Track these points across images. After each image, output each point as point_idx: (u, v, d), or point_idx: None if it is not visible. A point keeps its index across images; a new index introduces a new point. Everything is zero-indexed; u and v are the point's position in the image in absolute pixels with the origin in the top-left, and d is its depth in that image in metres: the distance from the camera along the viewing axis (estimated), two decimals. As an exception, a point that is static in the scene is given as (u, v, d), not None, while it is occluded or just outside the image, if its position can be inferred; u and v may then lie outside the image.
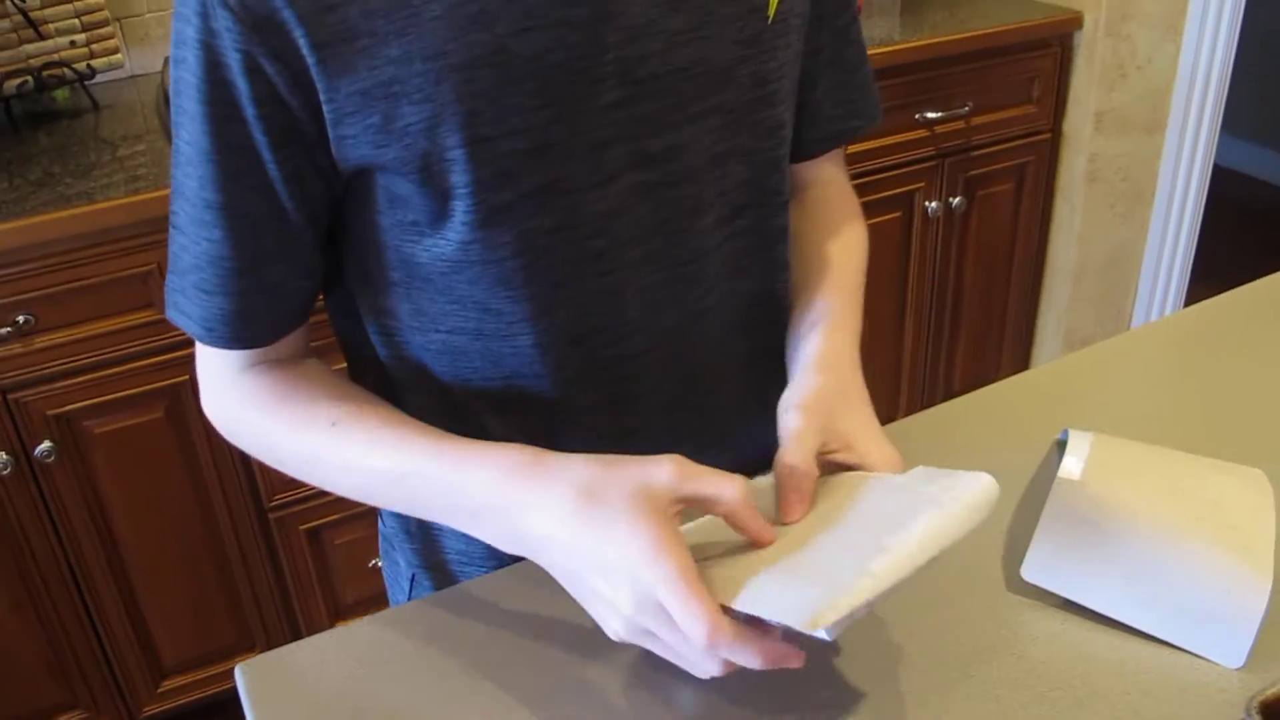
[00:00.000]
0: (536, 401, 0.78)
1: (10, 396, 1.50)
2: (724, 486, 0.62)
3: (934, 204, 2.13)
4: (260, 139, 0.66)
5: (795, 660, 0.60)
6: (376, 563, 1.85)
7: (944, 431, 0.93)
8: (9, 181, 1.55)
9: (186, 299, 0.72)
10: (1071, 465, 0.80)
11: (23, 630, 1.64)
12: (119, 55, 1.81)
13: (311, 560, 1.81)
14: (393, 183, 0.69)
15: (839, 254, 0.86)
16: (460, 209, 0.68)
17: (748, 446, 0.85)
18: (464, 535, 0.84)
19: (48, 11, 1.72)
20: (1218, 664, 0.70)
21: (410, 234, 0.71)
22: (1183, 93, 2.12)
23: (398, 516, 0.89)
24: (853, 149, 2.00)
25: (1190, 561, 0.74)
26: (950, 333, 2.34)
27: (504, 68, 0.65)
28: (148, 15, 1.93)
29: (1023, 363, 2.50)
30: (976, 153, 2.16)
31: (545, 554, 0.64)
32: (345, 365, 0.88)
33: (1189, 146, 2.16)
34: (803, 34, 0.79)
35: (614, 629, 0.61)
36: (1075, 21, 2.10)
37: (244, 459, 1.69)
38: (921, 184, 2.12)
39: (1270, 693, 0.63)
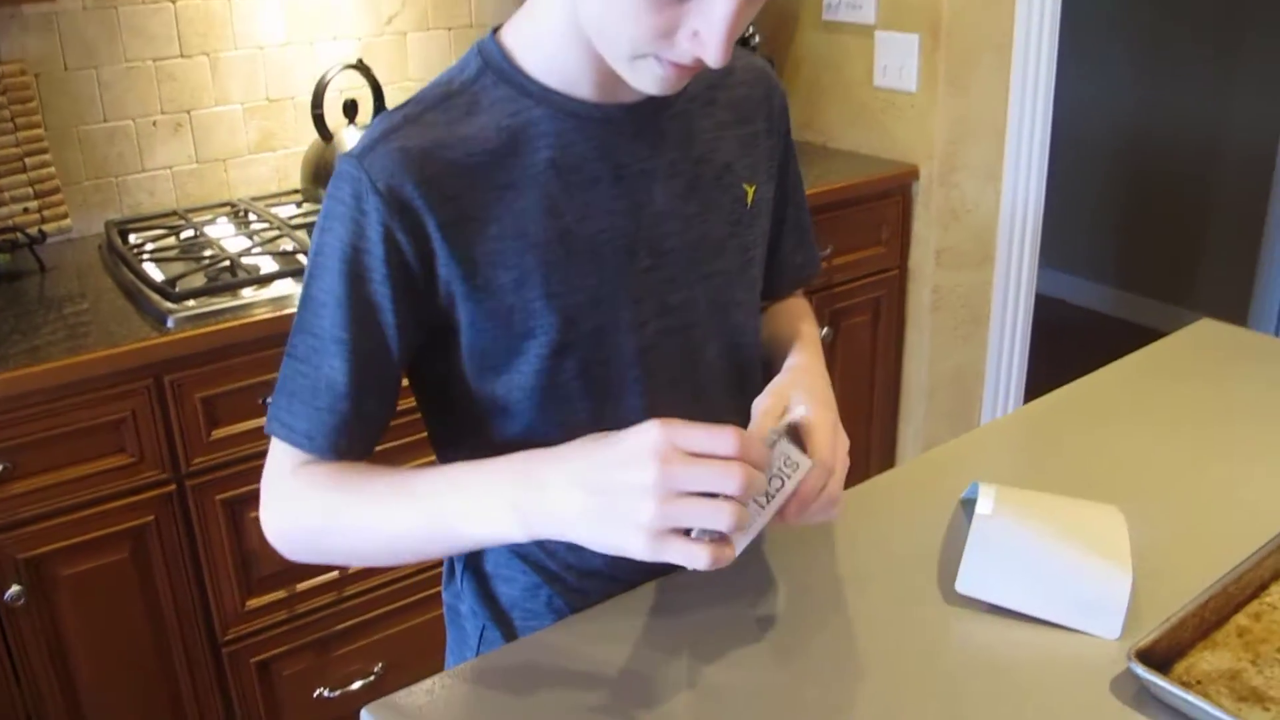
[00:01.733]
0: None
1: (-20, 543, 1.57)
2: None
3: (806, 333, 2.42)
4: (385, 293, 0.87)
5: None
6: (321, 692, 1.93)
7: (868, 499, 1.16)
8: (-23, 340, 1.65)
9: (293, 415, 0.90)
10: (985, 505, 1.05)
11: (-22, 780, 1.65)
12: (68, 220, 1.93)
13: (260, 693, 1.88)
14: (483, 333, 0.90)
15: (807, 326, 1.10)
16: (536, 345, 0.91)
17: None
18: (527, 590, 1.01)
19: (3, 181, 1.84)
20: (1102, 637, 0.94)
21: (492, 372, 0.92)
22: (1005, 232, 2.49)
23: (467, 581, 1.05)
24: (737, 287, 2.27)
25: (1075, 565, 1.00)
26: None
27: (569, 245, 0.90)
28: (86, 183, 2.07)
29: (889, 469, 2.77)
30: (839, 289, 2.46)
31: (560, 488, 0.77)
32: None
33: (1014, 276, 2.52)
34: (769, 211, 1.06)
35: (645, 515, 0.72)
36: (913, 174, 2.46)
37: (201, 593, 1.77)
38: (795, 316, 2.40)
39: (1144, 642, 0.87)
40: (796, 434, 0.86)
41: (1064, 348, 3.63)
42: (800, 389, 0.91)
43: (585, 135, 0.90)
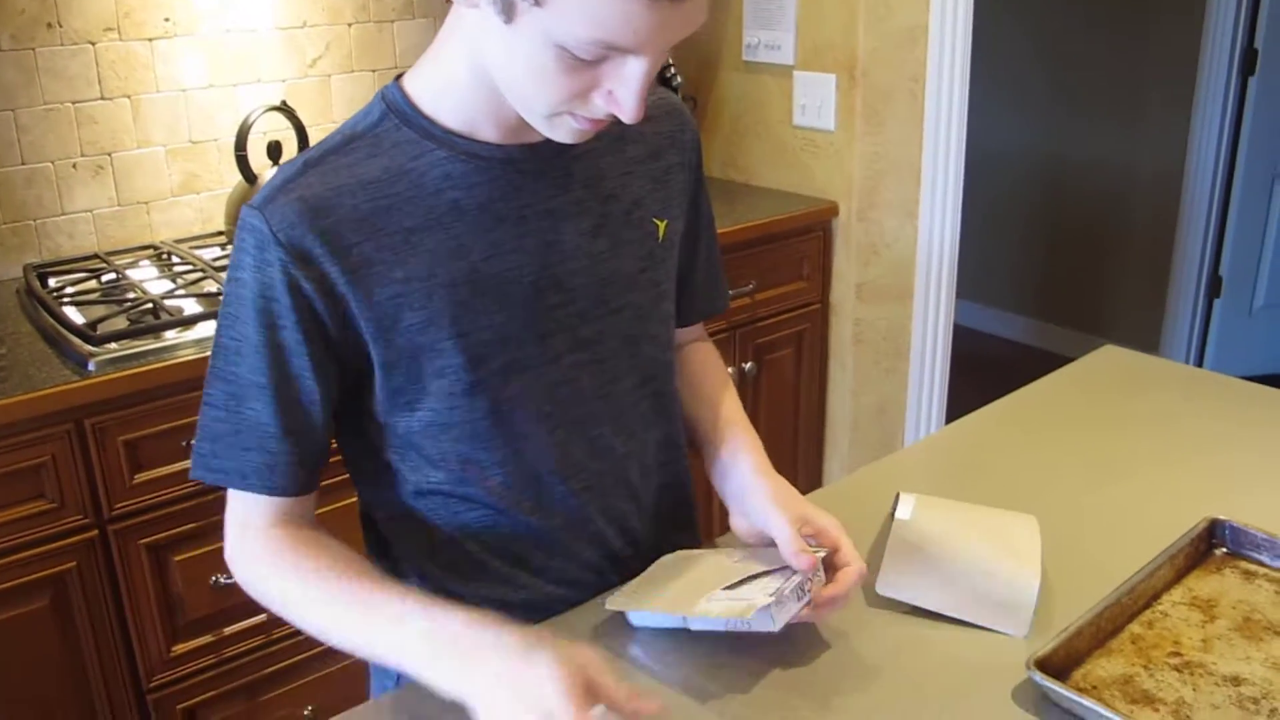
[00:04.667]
0: (506, 528, 1.00)
1: (-107, 593, 1.54)
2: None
3: (730, 370, 2.46)
4: (297, 338, 0.89)
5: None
6: (249, 737, 1.91)
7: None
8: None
9: (220, 459, 0.92)
10: (904, 511, 1.10)
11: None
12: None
13: (187, 739, 1.86)
14: (395, 372, 0.92)
15: (729, 397, 1.15)
16: (446, 384, 0.93)
17: (657, 548, 1.10)
18: None
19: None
20: (1011, 635, 0.99)
21: (404, 410, 0.95)
22: (923, 266, 2.56)
23: None
24: (663, 323, 2.31)
25: (986, 566, 1.05)
26: (754, 480, 2.64)
27: (476, 284, 0.92)
28: (3, 226, 2.05)
29: (816, 504, 2.82)
30: (762, 323, 2.51)
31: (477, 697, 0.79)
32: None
33: (933, 309, 2.60)
34: (678, 247, 1.09)
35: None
36: (832, 210, 2.53)
37: (125, 639, 1.74)
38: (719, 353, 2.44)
39: (1042, 652, 0.91)
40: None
41: (984, 378, 3.72)
42: (796, 501, 1.00)
43: (489, 176, 0.93)
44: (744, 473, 1.05)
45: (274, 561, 0.93)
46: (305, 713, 1.96)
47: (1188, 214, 3.81)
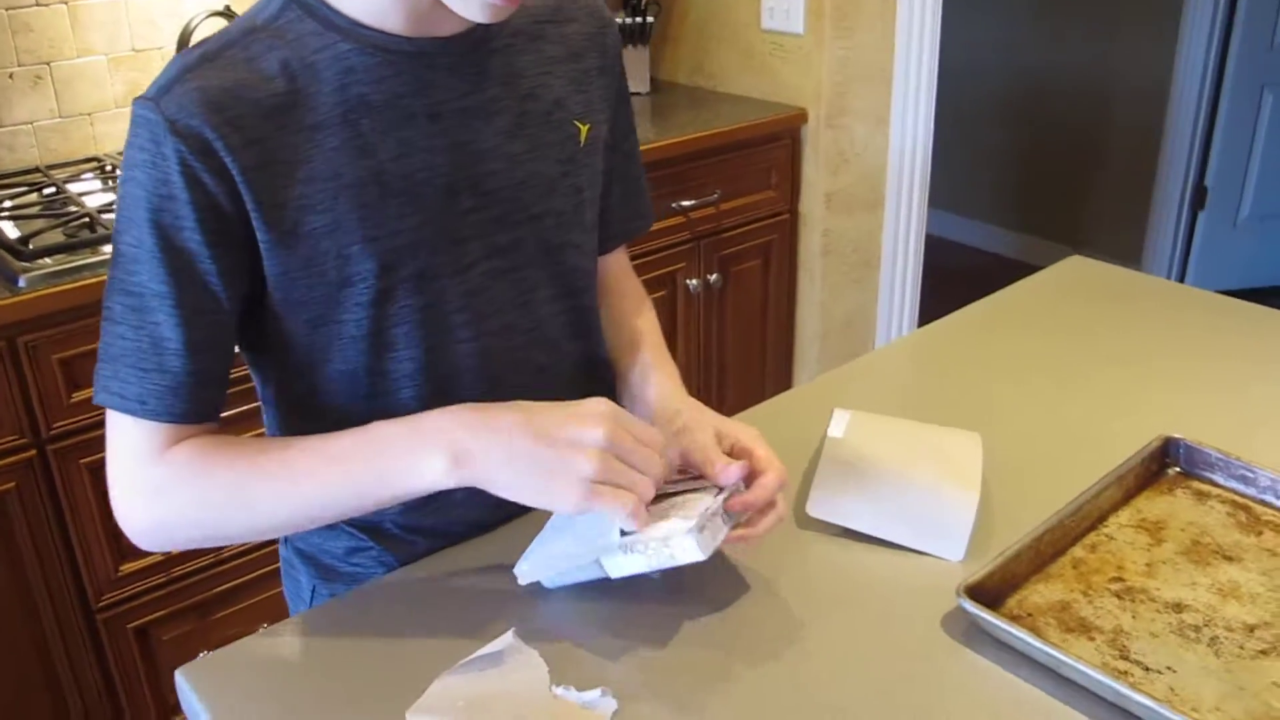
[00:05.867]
0: None
1: None
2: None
3: (694, 281, 2.41)
4: (199, 239, 0.82)
5: None
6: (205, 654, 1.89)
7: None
8: None
9: (120, 381, 0.84)
10: (835, 428, 1.05)
11: None
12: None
13: (140, 659, 1.84)
14: (297, 281, 0.86)
15: (646, 324, 1.10)
16: (354, 293, 0.87)
17: None
18: (352, 550, 0.99)
19: None
20: (945, 560, 0.95)
21: (306, 321, 0.88)
22: (894, 175, 2.50)
23: (296, 550, 1.03)
24: (624, 235, 2.25)
25: (921, 487, 1.01)
26: (718, 393, 2.61)
27: (384, 185, 0.86)
28: (-64, 140, 1.97)
29: (785, 418, 2.79)
30: (728, 234, 2.46)
31: (508, 429, 0.80)
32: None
33: (904, 219, 2.54)
34: (603, 154, 1.03)
35: (587, 468, 0.78)
36: (801, 117, 2.45)
37: (70, 560, 1.72)
38: (682, 264, 2.39)
39: (975, 578, 0.88)
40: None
41: (957, 289, 3.70)
42: (710, 415, 0.95)
43: (397, 70, 0.86)
44: (653, 393, 1.00)
45: (199, 473, 0.84)
46: (260, 630, 1.94)
47: (1173, 123, 3.73)
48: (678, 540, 0.83)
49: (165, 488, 0.85)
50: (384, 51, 0.86)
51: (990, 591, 0.89)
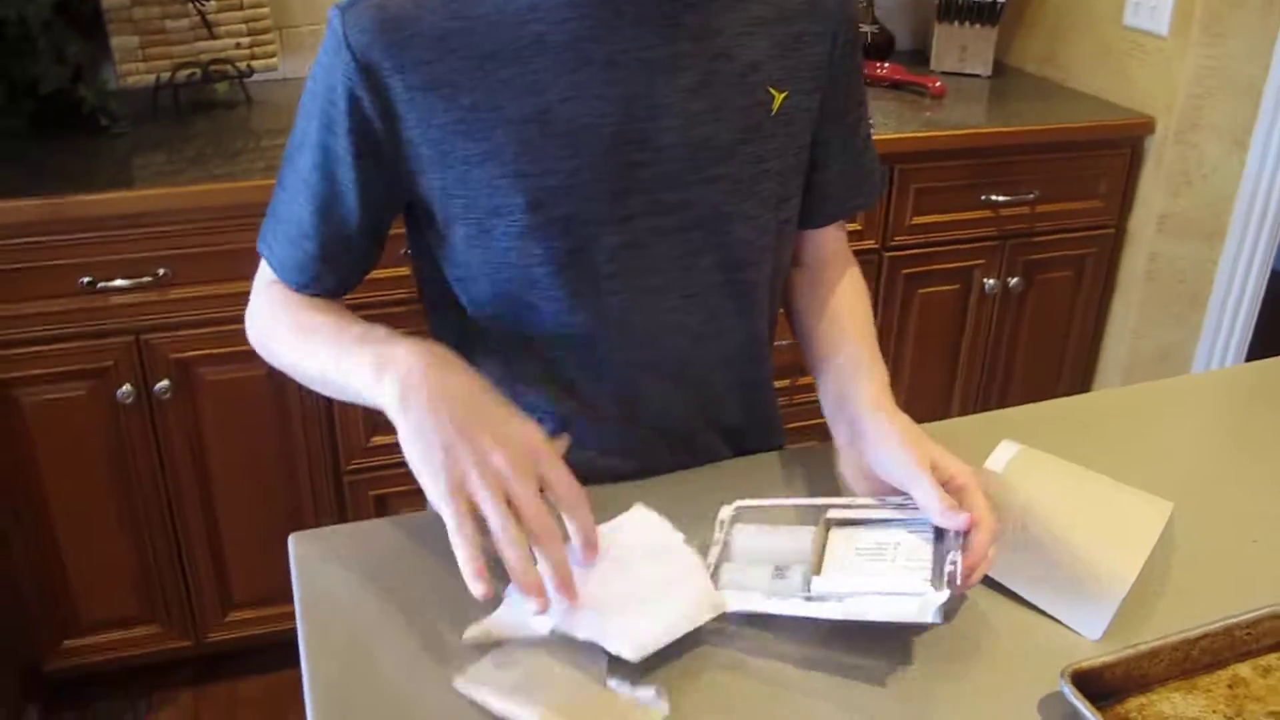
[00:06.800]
0: (561, 383, 0.97)
1: (142, 338, 1.74)
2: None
3: (992, 281, 2.26)
4: (347, 148, 0.87)
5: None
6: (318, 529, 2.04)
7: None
8: (167, 156, 1.81)
9: (275, 238, 0.95)
10: (995, 461, 0.96)
11: (120, 545, 1.87)
12: (275, 60, 2.06)
13: (375, 524, 2.01)
14: (454, 199, 0.89)
15: (859, 314, 1.03)
16: (503, 224, 0.89)
17: (711, 450, 1.04)
18: None
19: (221, 15, 1.98)
20: (1080, 634, 0.85)
21: (460, 243, 0.92)
22: (1245, 204, 2.22)
23: None
24: (917, 220, 2.15)
25: (1073, 546, 0.90)
26: (998, 401, 2.45)
27: (547, 124, 0.86)
28: (304, 27, 2.19)
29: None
30: (1039, 238, 2.28)
31: (446, 396, 0.75)
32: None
33: (1246, 256, 2.25)
34: (809, 126, 0.97)
35: (464, 465, 0.72)
36: (1148, 126, 2.22)
37: (330, 424, 1.90)
38: (981, 261, 2.25)
39: (1090, 663, 0.78)
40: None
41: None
42: (925, 442, 0.86)
43: (581, 13, 0.86)
44: (864, 403, 0.91)
45: (273, 310, 0.95)
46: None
47: None
48: (922, 602, 0.77)
49: (257, 313, 0.97)
50: None
51: (1110, 684, 0.79)
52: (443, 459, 0.73)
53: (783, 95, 0.94)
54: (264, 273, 0.98)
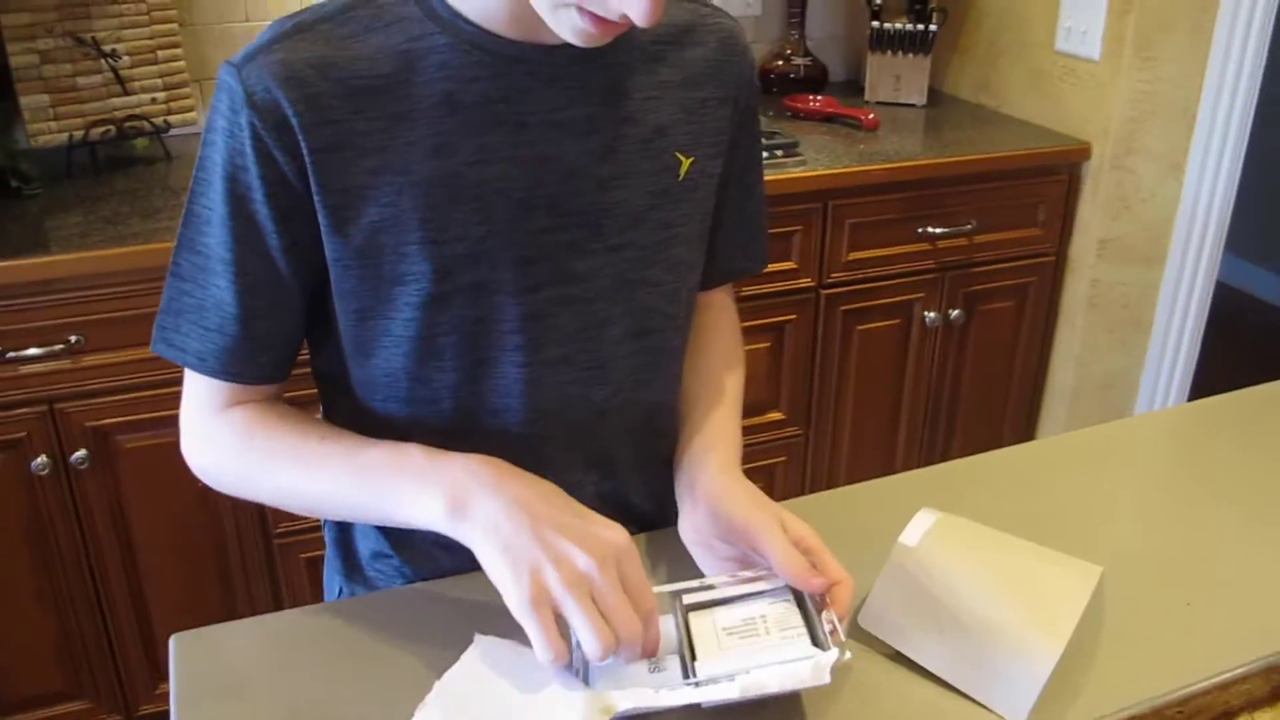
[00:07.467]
0: None
1: (56, 407, 1.68)
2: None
3: (933, 314, 2.24)
4: (267, 212, 0.82)
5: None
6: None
7: (859, 502, 1.04)
8: (82, 216, 1.75)
9: (181, 335, 0.87)
10: (912, 535, 0.91)
11: (40, 620, 1.80)
12: (194, 114, 2.01)
13: (309, 586, 1.95)
14: (349, 270, 0.84)
15: (730, 381, 1.02)
16: (405, 292, 0.84)
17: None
18: (377, 555, 0.98)
19: (136, 70, 1.93)
20: (1004, 717, 0.81)
21: (355, 315, 0.87)
22: (1184, 227, 2.21)
23: (333, 538, 1.03)
24: (854, 255, 2.12)
25: (994, 624, 0.85)
26: (945, 437, 2.43)
27: (456, 189, 0.82)
28: (225, 77, 2.14)
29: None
30: (978, 269, 2.26)
31: (513, 504, 0.76)
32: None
33: (1188, 279, 2.25)
34: (713, 192, 0.95)
35: (550, 579, 0.72)
36: (1084, 152, 2.21)
37: (257, 486, 1.84)
38: (921, 294, 2.23)
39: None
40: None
41: (1244, 354, 3.26)
42: (771, 505, 0.87)
43: (492, 73, 0.82)
44: (711, 467, 0.90)
45: (244, 437, 0.88)
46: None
47: None
48: (815, 664, 0.76)
49: (216, 440, 0.90)
50: (481, 51, 0.82)
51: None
52: (514, 573, 0.73)
53: (689, 160, 0.90)
54: (198, 392, 0.90)
